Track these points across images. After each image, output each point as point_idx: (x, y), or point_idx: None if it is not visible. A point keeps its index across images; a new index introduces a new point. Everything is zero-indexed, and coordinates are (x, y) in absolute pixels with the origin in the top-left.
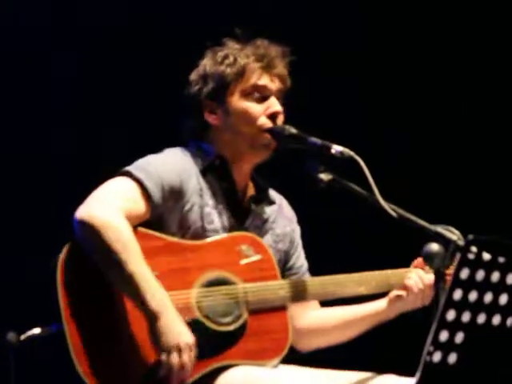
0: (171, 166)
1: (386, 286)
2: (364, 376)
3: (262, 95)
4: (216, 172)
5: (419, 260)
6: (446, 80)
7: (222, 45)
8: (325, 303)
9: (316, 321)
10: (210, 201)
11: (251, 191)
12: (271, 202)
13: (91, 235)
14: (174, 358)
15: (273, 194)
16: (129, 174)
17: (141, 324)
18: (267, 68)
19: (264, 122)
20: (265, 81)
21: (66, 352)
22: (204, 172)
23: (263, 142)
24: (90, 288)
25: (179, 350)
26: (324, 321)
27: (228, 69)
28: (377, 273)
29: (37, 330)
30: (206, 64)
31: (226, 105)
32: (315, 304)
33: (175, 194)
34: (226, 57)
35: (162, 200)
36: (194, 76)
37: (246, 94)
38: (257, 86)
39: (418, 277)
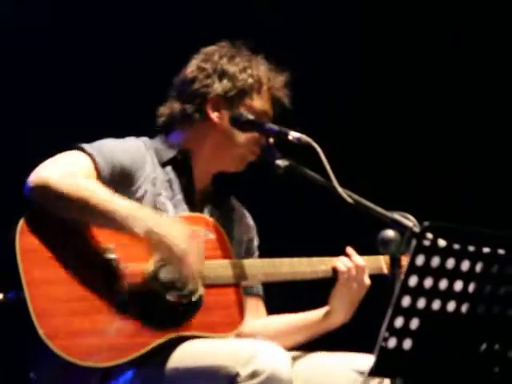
0: (126, 149)
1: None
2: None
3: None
4: (176, 166)
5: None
6: (445, 79)
7: (235, 47)
8: (271, 311)
9: (259, 328)
10: (164, 191)
11: (209, 190)
12: (230, 208)
13: (50, 193)
14: (188, 258)
15: (234, 202)
16: (80, 149)
17: (103, 281)
18: (276, 93)
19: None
20: (269, 107)
21: (27, 317)
22: (164, 164)
23: (248, 159)
24: (49, 251)
25: (186, 252)
26: (266, 328)
27: (250, 79)
28: (305, 259)
29: None
30: (223, 63)
31: (236, 111)
32: (262, 312)
33: (125, 177)
34: (248, 66)
35: (110, 177)
36: (204, 65)
37: (253, 113)
38: (264, 112)
39: (345, 258)
